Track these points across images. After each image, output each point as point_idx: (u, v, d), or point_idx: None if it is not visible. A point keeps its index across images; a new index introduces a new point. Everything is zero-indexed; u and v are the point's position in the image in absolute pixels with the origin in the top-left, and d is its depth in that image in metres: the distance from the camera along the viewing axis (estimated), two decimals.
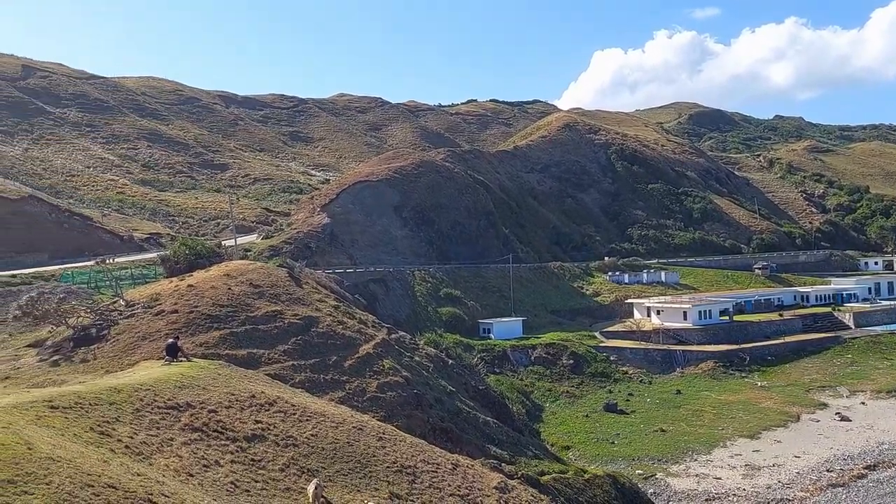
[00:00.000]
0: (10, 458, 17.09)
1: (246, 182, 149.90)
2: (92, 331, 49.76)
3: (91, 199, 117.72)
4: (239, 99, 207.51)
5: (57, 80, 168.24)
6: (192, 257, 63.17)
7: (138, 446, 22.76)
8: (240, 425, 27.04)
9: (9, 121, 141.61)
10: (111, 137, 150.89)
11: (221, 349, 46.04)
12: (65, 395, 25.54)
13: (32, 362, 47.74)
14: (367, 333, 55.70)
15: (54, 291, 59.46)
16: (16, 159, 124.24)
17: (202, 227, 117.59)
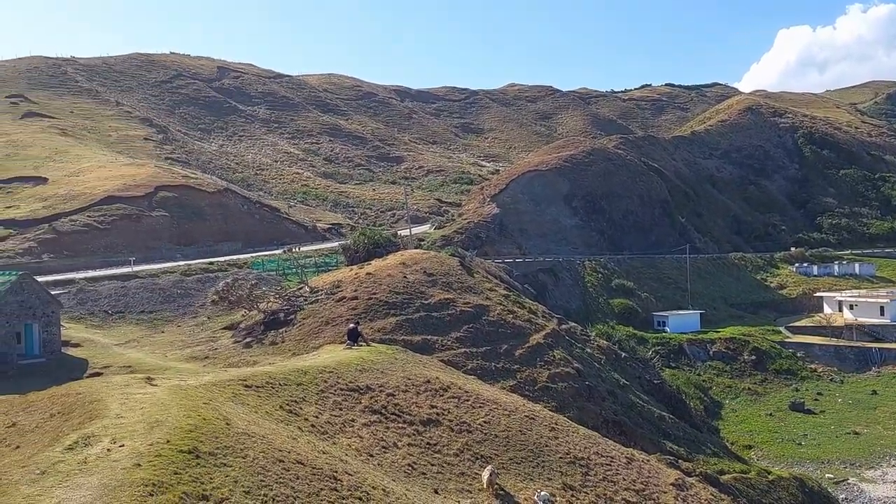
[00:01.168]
0: (211, 432, 18.51)
1: (420, 174, 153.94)
2: (280, 315, 53.02)
3: (278, 192, 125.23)
4: (413, 93, 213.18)
5: (248, 79, 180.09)
6: (370, 246, 65.73)
7: (323, 426, 23.99)
8: (416, 409, 27.83)
9: (206, 119, 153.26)
10: (296, 133, 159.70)
11: (398, 335, 47.56)
12: (257, 375, 27.31)
13: (228, 343, 51.54)
14: (536, 323, 55.61)
15: (247, 278, 63.73)
16: (213, 155, 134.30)
17: (379, 218, 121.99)
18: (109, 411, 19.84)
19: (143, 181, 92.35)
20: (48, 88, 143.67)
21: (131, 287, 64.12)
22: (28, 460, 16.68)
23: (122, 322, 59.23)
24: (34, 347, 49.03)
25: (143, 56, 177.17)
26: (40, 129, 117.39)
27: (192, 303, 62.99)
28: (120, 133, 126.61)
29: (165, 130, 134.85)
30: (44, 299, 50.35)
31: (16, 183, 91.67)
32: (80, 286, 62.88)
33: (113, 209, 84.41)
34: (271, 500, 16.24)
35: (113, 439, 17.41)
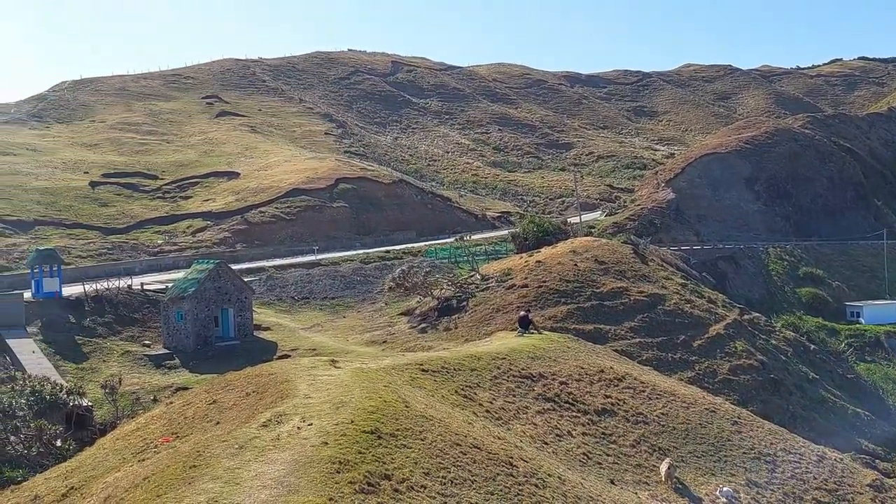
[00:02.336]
0: (392, 414, 19.16)
1: (589, 160, 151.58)
2: (453, 302, 54.12)
3: (450, 181, 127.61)
4: (583, 78, 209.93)
5: (420, 73, 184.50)
6: (539, 234, 65.60)
7: (497, 411, 24.23)
8: (590, 398, 27.50)
9: (382, 113, 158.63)
10: (466, 123, 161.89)
11: (569, 323, 47.20)
12: (433, 360, 27.97)
13: (404, 328, 53.26)
14: (716, 313, 53.42)
15: (421, 266, 65.50)
16: (388, 147, 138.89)
17: (548, 206, 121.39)
18: (298, 391, 21.00)
19: (324, 174, 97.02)
20: (239, 89, 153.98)
21: (315, 274, 67.64)
22: (228, 435, 17.97)
23: (307, 307, 62.63)
24: (230, 330, 52.91)
25: (322, 54, 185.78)
26: (232, 127, 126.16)
27: (371, 289, 65.56)
28: (303, 129, 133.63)
29: (344, 125, 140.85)
30: (238, 286, 54.18)
31: (212, 178, 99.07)
32: (270, 273, 67.08)
33: (297, 201, 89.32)
34: (449, 483, 16.58)
35: (302, 418, 18.41)
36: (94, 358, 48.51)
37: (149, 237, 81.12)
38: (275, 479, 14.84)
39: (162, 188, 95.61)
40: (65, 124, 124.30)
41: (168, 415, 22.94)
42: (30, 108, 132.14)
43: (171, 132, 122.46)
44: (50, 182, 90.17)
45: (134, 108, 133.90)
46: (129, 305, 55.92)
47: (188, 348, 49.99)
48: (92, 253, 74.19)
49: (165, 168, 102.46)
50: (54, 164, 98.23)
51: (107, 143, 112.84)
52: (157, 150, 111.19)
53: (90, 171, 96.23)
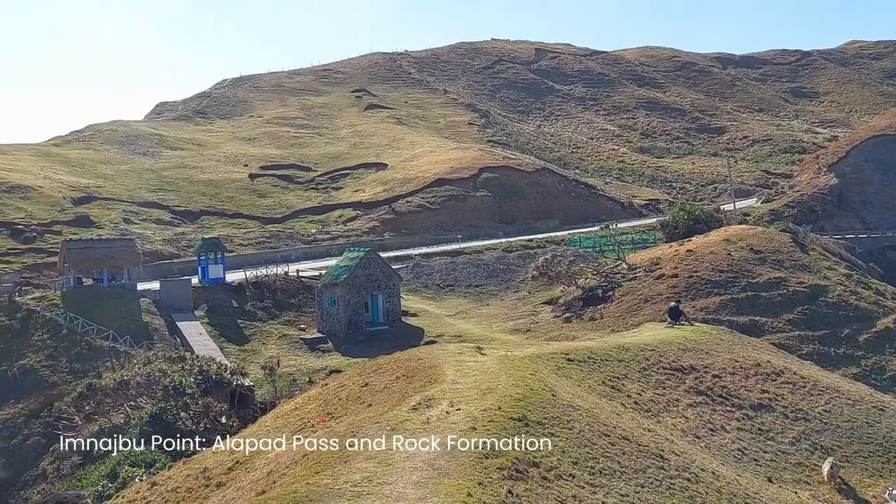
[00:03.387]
0: (539, 402, 19.15)
1: (744, 144, 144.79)
2: (598, 291, 53.34)
3: (594, 169, 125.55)
4: (736, 59, 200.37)
5: (564, 59, 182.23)
6: (690, 222, 63.38)
7: (646, 403, 23.70)
8: (745, 393, 26.40)
9: (524, 101, 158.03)
10: (612, 109, 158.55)
11: (722, 314, 45.50)
12: (578, 349, 27.70)
13: (548, 317, 53.05)
14: (885, 306, 50.00)
15: (564, 254, 64.96)
16: (530, 135, 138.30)
17: (699, 192, 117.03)
18: (446, 377, 21.37)
19: (468, 164, 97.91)
20: (386, 81, 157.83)
21: (459, 262, 68.49)
22: (380, 417, 18.56)
23: (452, 295, 63.56)
24: (379, 316, 54.55)
25: (466, 45, 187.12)
26: (380, 120, 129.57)
27: (514, 278, 65.66)
28: (447, 119, 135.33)
29: (487, 114, 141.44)
30: (386, 273, 55.73)
31: (361, 169, 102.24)
32: (416, 261, 68.55)
33: (442, 191, 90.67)
34: (598, 473, 16.42)
35: (450, 403, 18.73)
36: (254, 340, 51.38)
37: (303, 226, 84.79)
38: (425, 461, 15.20)
39: (315, 179, 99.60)
40: (226, 120, 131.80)
41: (323, 396, 23.95)
42: (195, 105, 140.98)
43: (323, 125, 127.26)
44: (214, 175, 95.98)
45: (288, 102, 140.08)
46: (286, 291, 58.75)
47: (340, 332, 51.96)
48: (252, 241, 78.46)
49: (318, 160, 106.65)
50: (217, 157, 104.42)
51: (264, 136, 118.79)
52: (310, 143, 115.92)
53: (249, 164, 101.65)
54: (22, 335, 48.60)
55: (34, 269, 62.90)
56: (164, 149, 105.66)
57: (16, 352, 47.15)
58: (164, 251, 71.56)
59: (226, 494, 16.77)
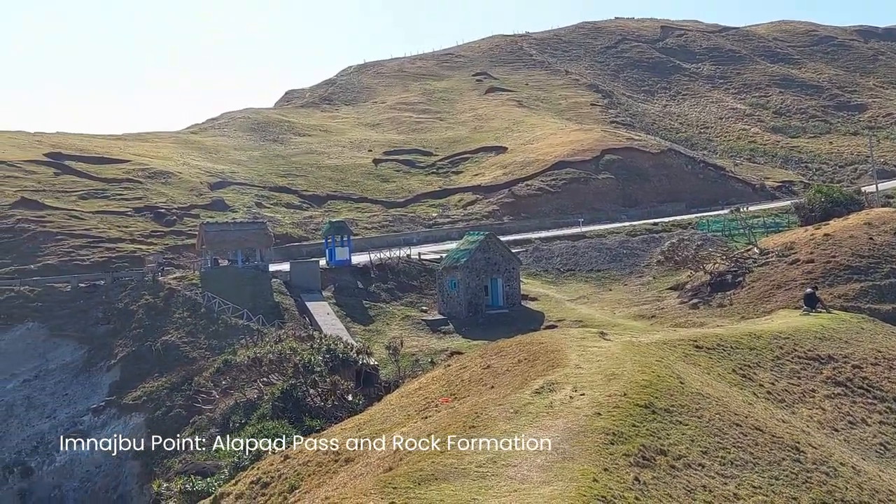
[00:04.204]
0: (666, 389, 18.72)
1: (887, 122, 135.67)
2: (727, 277, 51.40)
3: (723, 150, 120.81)
4: (879, 31, 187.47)
5: (691, 36, 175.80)
6: (827, 205, 60.12)
7: (780, 393, 22.75)
8: (888, 385, 24.92)
9: (649, 81, 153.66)
10: (742, 87, 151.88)
11: (862, 302, 42.96)
12: (707, 336, 26.88)
13: (674, 303, 51.63)
14: None
15: (692, 239, 63.01)
16: (656, 116, 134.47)
17: (837, 174, 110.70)
18: (569, 361, 21.21)
19: (589, 146, 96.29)
20: (506, 64, 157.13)
21: (580, 247, 67.61)
22: (503, 399, 18.64)
23: (573, 279, 62.88)
24: (498, 299, 54.69)
25: (589, 24, 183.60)
26: (500, 103, 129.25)
27: (638, 262, 64.24)
28: (569, 101, 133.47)
29: (610, 95, 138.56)
30: (506, 257, 55.75)
31: (481, 153, 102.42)
32: (536, 245, 68.17)
33: (563, 173, 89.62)
34: (729, 464, 15.90)
35: (574, 388, 18.59)
36: (378, 321, 52.65)
37: (424, 210, 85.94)
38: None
39: (436, 164, 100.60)
40: (351, 106, 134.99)
41: (446, 377, 24.27)
42: (321, 92, 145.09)
43: (444, 110, 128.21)
44: (339, 160, 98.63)
45: (410, 88, 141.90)
46: (408, 273, 59.82)
47: (461, 315, 52.45)
48: (375, 225, 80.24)
49: (439, 144, 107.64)
50: (342, 143, 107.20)
51: (387, 122, 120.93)
52: (431, 128, 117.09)
53: (373, 150, 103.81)
54: (165, 312, 51.79)
55: (175, 250, 66.68)
56: (293, 135, 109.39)
57: (159, 328, 50.31)
58: (293, 234, 74.27)
59: (354, 469, 17.30)
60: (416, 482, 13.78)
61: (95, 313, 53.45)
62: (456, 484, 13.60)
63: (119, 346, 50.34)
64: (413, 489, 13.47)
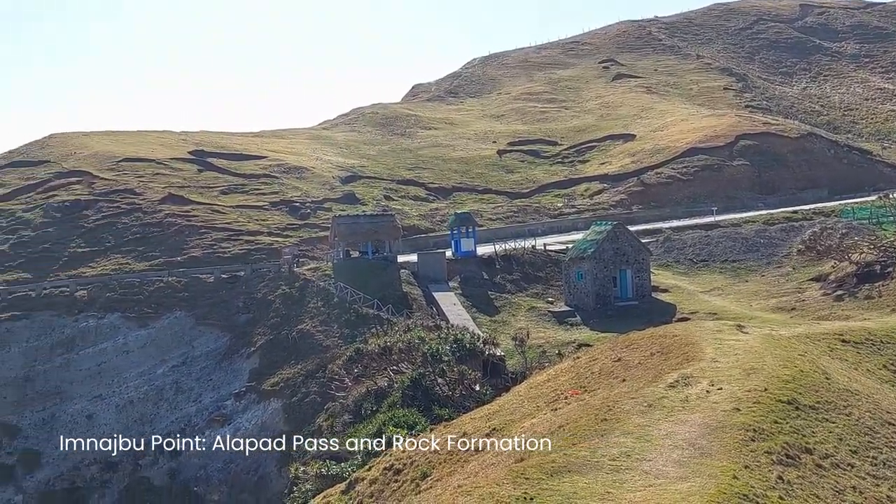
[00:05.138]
0: (810, 384, 17.81)
1: None
2: (875, 267, 48.36)
3: (869, 133, 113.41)
4: None
5: (833, 14, 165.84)
6: None
7: None
8: None
9: (788, 62, 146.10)
10: (890, 66, 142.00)
11: None
12: (854, 330, 25.43)
13: (816, 295, 49.03)
14: None
15: (835, 227, 59.62)
16: (794, 98, 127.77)
17: None
18: (705, 355, 20.54)
19: (723, 131, 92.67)
20: (634, 50, 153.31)
21: (714, 236, 65.25)
22: (635, 393, 18.27)
23: (706, 270, 60.80)
24: (627, 291, 53.59)
25: (721, 6, 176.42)
26: (628, 90, 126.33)
27: (776, 252, 61.38)
28: (700, 85, 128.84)
29: (745, 78, 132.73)
30: (635, 247, 54.55)
31: (608, 141, 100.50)
32: (667, 235, 66.30)
33: (694, 161, 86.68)
34: (881, 465, 14.97)
35: (711, 382, 18.00)
36: (504, 312, 52.72)
37: (549, 200, 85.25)
38: (686, 439, 14.74)
39: (561, 153, 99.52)
40: (476, 98, 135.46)
41: (576, 369, 24.02)
42: (447, 85, 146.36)
43: (570, 99, 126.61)
44: (464, 152, 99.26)
45: (535, 78, 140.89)
46: (534, 264, 59.55)
47: (588, 306, 51.77)
48: (500, 216, 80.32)
49: (564, 134, 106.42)
50: (467, 135, 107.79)
51: (512, 113, 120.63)
52: (556, 117, 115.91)
53: (497, 141, 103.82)
54: (300, 302, 53.84)
55: (309, 242, 69.11)
56: (420, 129, 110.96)
57: (295, 317, 52.37)
58: (420, 226, 75.45)
59: (485, 459, 17.40)
60: (549, 473, 13.72)
61: (236, 303, 56.22)
62: (589, 476, 13.45)
63: (258, 334, 52.76)
64: (545, 480, 13.42)
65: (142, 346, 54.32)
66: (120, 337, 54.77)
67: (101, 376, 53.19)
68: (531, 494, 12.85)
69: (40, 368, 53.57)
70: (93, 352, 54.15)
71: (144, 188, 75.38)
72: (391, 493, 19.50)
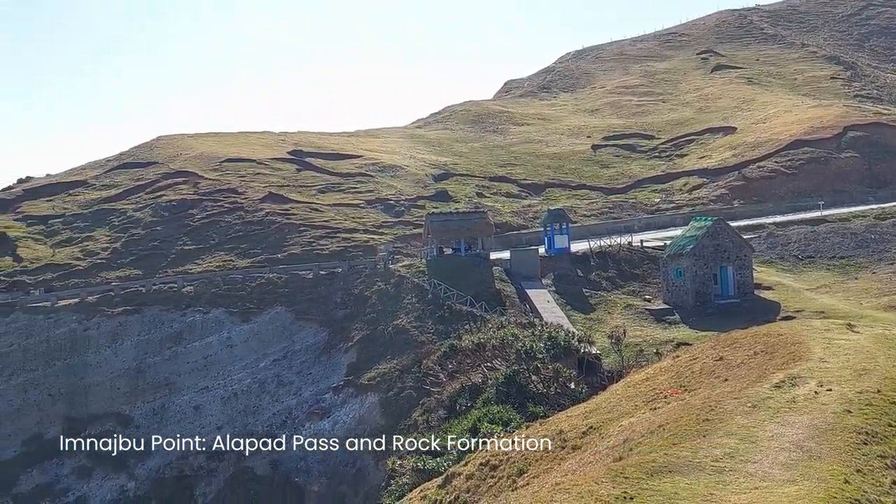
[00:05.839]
0: None
1: None
2: None
3: None
4: None
5: None
6: None
7: None
8: None
9: None
10: None
11: None
12: None
13: None
14: None
15: None
16: None
17: None
18: (812, 354, 19.81)
19: (829, 122, 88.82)
20: (734, 40, 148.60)
21: (820, 232, 62.67)
22: (739, 393, 17.76)
23: (812, 267, 58.47)
24: (729, 288, 52.03)
25: None
26: (728, 81, 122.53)
27: (889, 248, 58.53)
28: (805, 75, 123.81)
29: (853, 66, 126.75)
30: (736, 243, 52.90)
31: (707, 134, 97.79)
32: (769, 231, 64.05)
33: (799, 153, 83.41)
34: None
35: (819, 382, 17.34)
36: (599, 309, 52.05)
37: (646, 196, 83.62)
38: (793, 442, 14.27)
39: (658, 147, 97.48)
40: (569, 93, 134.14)
41: (675, 368, 23.53)
42: (539, 80, 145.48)
43: (667, 91, 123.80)
44: (557, 148, 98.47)
45: (630, 70, 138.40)
46: (630, 261, 58.56)
47: (687, 304, 50.56)
48: (594, 212, 79.31)
49: (661, 127, 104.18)
50: (560, 130, 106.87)
51: (606, 107, 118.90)
52: (652, 111, 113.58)
53: (591, 136, 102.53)
54: (395, 298, 54.62)
55: (403, 239, 69.99)
56: (512, 125, 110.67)
57: (390, 313, 53.16)
58: (512, 222, 75.26)
59: (582, 457, 17.27)
60: (649, 473, 13.52)
61: (334, 298, 57.50)
62: (691, 477, 13.18)
63: (355, 329, 53.82)
64: (645, 480, 13.23)
65: (245, 341, 56.26)
66: (224, 331, 56.87)
67: (206, 369, 55.41)
68: (631, 494, 12.69)
69: (151, 361, 56.21)
70: (199, 345, 56.44)
71: (246, 187, 77.95)
72: (487, 488, 19.57)
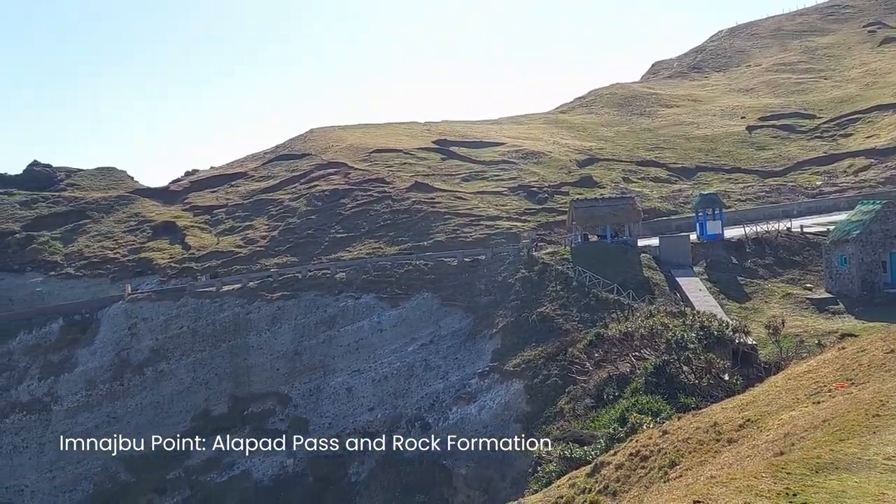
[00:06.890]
0: None
1: None
2: None
3: None
4: None
5: None
6: None
7: None
8: None
9: None
10: None
11: None
12: None
13: None
14: None
15: None
16: None
17: None
18: None
19: None
20: None
21: None
22: None
23: None
24: None
25: None
26: None
27: None
28: None
29: None
30: None
31: (875, 112, 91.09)
32: None
33: None
34: None
35: None
36: (755, 298, 49.80)
37: (806, 178, 79.01)
38: None
39: (819, 127, 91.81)
40: (721, 72, 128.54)
41: (840, 360, 22.20)
42: (689, 60, 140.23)
43: (829, 68, 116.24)
44: (709, 130, 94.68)
45: (789, 47, 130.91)
46: (789, 248, 55.66)
47: (852, 293, 47.54)
48: (750, 196, 75.77)
49: (823, 106, 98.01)
50: (712, 112, 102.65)
51: (762, 86, 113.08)
52: (813, 88, 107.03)
53: (746, 116, 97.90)
54: (539, 286, 54.49)
55: (546, 226, 69.64)
56: (660, 107, 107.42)
57: (534, 300, 53.10)
58: (661, 208, 73.19)
59: (739, 451, 16.62)
60: (813, 470, 12.83)
61: (478, 285, 58.06)
62: (860, 475, 12.41)
63: (499, 315, 54.15)
64: (809, 476, 12.57)
65: (394, 325, 57.90)
66: (374, 316, 58.76)
67: (358, 352, 57.50)
68: (794, 490, 12.09)
69: (307, 344, 58.94)
70: (351, 329, 58.61)
71: (393, 177, 79.96)
72: (638, 479, 19.21)
